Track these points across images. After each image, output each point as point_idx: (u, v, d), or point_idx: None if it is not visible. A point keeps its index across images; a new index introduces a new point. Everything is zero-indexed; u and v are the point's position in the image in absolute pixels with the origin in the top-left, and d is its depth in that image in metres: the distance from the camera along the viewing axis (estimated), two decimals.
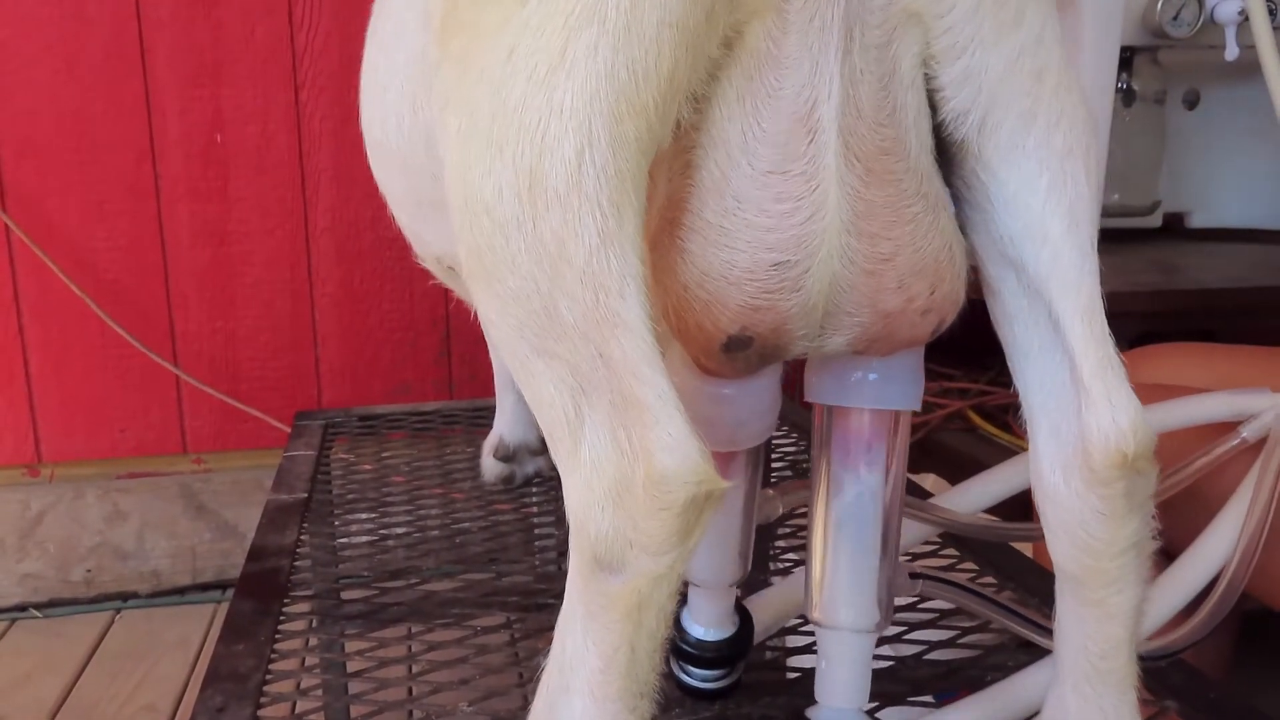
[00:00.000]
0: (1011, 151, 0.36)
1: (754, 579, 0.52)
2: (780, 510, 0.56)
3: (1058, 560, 0.40)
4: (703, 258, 0.35)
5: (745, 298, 0.35)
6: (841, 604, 0.44)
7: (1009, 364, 0.40)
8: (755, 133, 0.33)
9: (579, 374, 0.32)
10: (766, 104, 0.33)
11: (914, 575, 0.50)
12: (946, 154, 0.37)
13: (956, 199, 0.39)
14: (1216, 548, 0.54)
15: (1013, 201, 0.36)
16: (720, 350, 0.36)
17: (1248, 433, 0.61)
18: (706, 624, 0.50)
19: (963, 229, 0.39)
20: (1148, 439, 0.36)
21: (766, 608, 0.55)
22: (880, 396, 0.42)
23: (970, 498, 0.65)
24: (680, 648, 0.50)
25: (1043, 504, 0.39)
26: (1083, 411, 0.37)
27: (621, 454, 0.31)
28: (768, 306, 0.35)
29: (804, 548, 0.64)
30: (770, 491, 0.50)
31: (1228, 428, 0.61)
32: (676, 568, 0.32)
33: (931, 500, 0.65)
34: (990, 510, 0.66)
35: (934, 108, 0.36)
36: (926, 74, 0.35)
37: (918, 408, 0.43)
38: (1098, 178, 0.37)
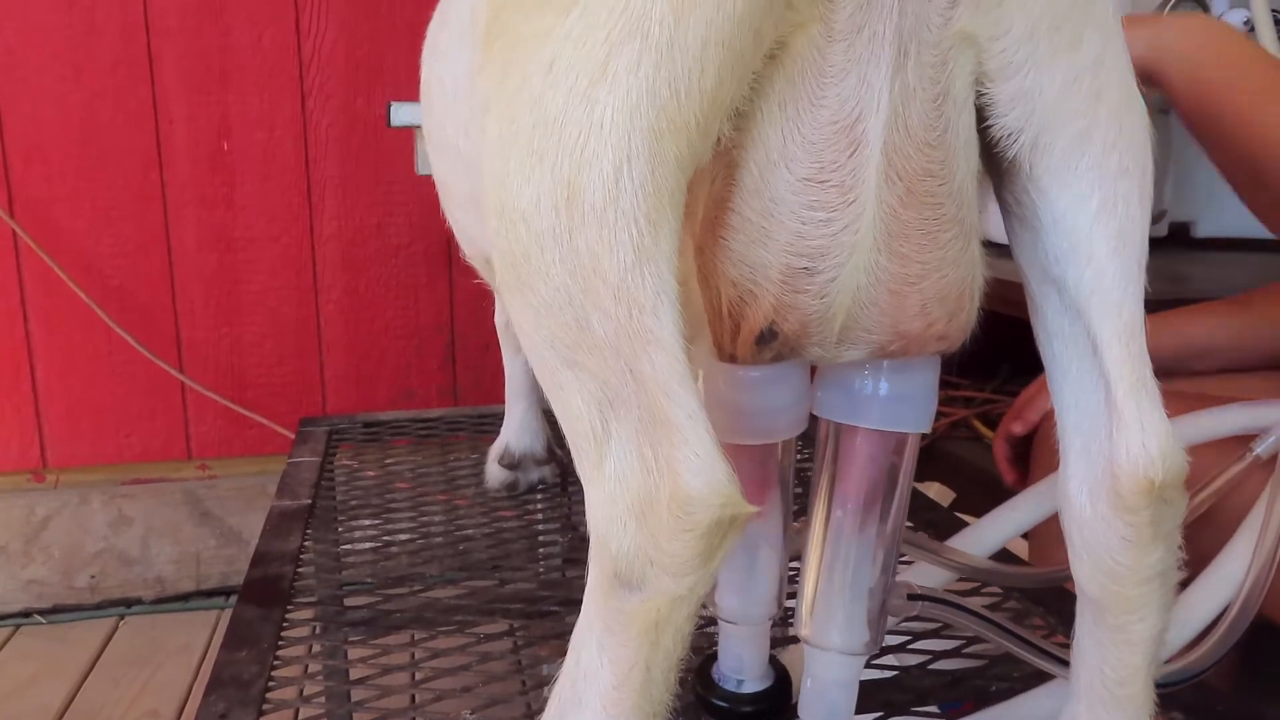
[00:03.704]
0: (1063, 171, 0.35)
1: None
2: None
3: (1080, 582, 0.39)
4: (745, 254, 0.35)
5: (776, 295, 0.35)
6: (833, 625, 0.43)
7: (1048, 382, 0.40)
8: (795, 139, 0.33)
9: (608, 388, 0.32)
10: (808, 111, 0.33)
11: (913, 596, 0.49)
12: (998, 170, 0.37)
13: (1006, 213, 0.38)
14: (1231, 571, 0.54)
15: (1061, 220, 0.36)
16: (753, 341, 0.36)
17: (1260, 449, 0.60)
18: (740, 674, 0.48)
19: (1010, 244, 0.39)
20: (1178, 467, 0.36)
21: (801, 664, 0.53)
22: (890, 417, 0.41)
23: (992, 532, 0.64)
24: (712, 704, 0.48)
25: (1069, 525, 0.39)
26: (1114, 434, 0.36)
27: (647, 471, 0.31)
28: (792, 307, 0.35)
29: None
30: (797, 525, 0.49)
31: (1241, 439, 0.61)
32: (697, 590, 0.32)
33: (954, 535, 0.64)
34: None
35: (985, 125, 0.35)
36: (978, 91, 0.34)
37: (928, 430, 0.42)
38: (1151, 200, 0.36)
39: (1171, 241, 1.39)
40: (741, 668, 0.48)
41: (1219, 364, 0.78)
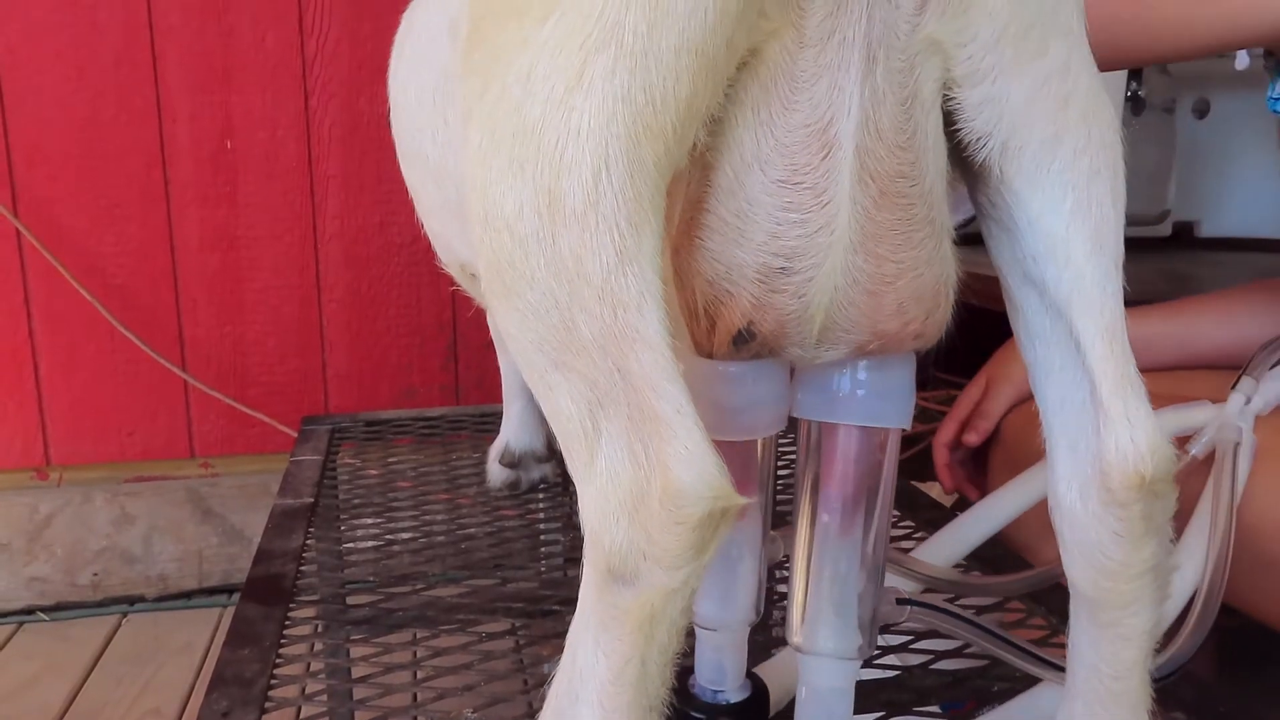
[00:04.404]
0: (1035, 174, 0.36)
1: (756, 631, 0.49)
2: (783, 553, 0.54)
3: (1073, 579, 0.40)
4: (722, 254, 0.35)
5: (753, 295, 0.35)
6: (823, 629, 0.43)
7: (1030, 382, 0.40)
8: (768, 142, 0.34)
9: (597, 388, 0.32)
10: (781, 115, 0.33)
11: (901, 601, 0.49)
12: (970, 173, 0.37)
13: (981, 216, 0.39)
14: (1188, 568, 0.55)
15: (1036, 223, 0.36)
16: (730, 342, 0.37)
17: (1196, 450, 0.62)
18: (718, 685, 0.47)
19: (987, 246, 0.39)
20: (1166, 460, 0.36)
21: (782, 673, 0.51)
22: (870, 413, 0.41)
23: (975, 530, 0.65)
24: (690, 717, 0.47)
25: (1059, 523, 0.39)
26: (1101, 430, 0.36)
27: (638, 467, 0.31)
28: (770, 306, 0.35)
29: None
30: (774, 534, 0.49)
31: (1178, 440, 0.62)
32: (690, 583, 0.32)
33: (947, 528, 0.64)
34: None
35: (954, 130, 0.36)
36: (946, 96, 0.35)
37: (908, 426, 0.42)
38: (1124, 200, 0.37)
39: (1175, 241, 1.39)
40: (719, 678, 0.47)
41: (1154, 364, 0.80)
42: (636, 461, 0.31)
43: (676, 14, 0.30)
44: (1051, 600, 0.64)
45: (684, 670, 0.48)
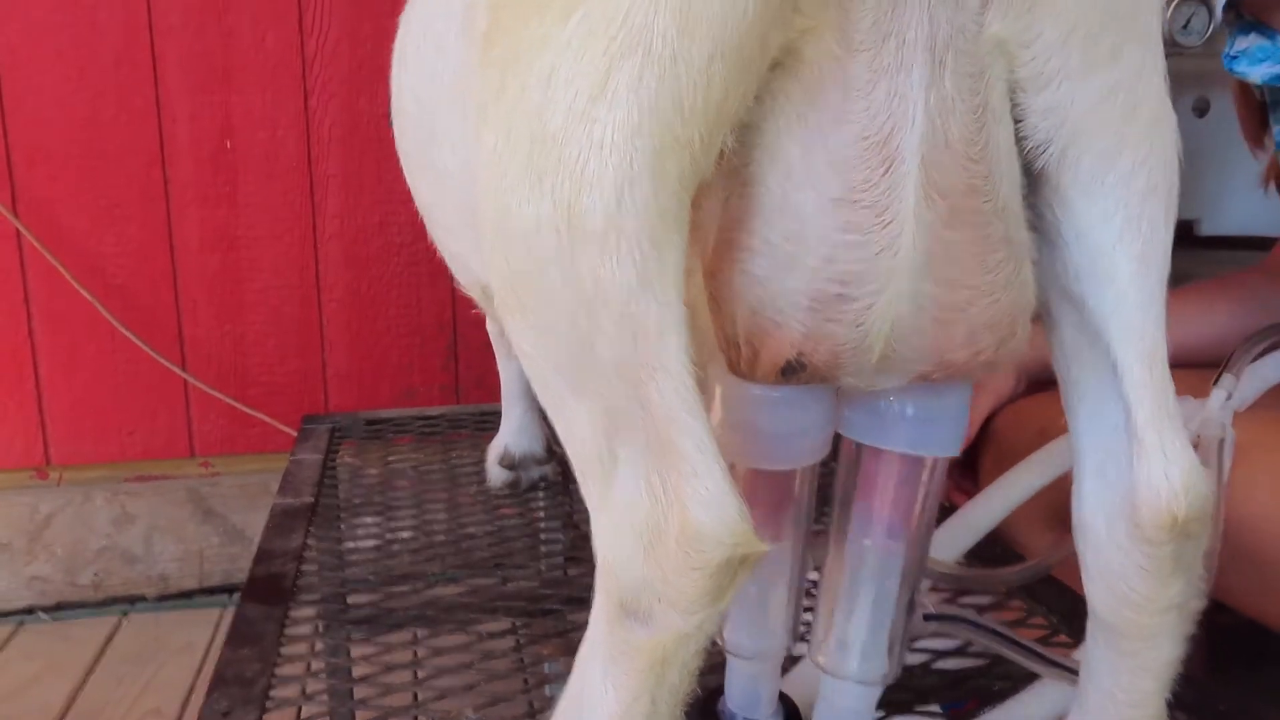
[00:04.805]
0: (1090, 186, 0.34)
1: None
2: (812, 567, 0.53)
3: (1094, 605, 0.38)
4: (769, 279, 0.32)
5: (806, 323, 0.32)
6: (852, 654, 0.41)
7: (1062, 399, 0.38)
8: (820, 155, 0.31)
9: (614, 414, 0.30)
10: (833, 127, 0.31)
11: (928, 617, 0.47)
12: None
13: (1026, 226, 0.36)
14: None
15: (1084, 236, 0.34)
16: (778, 372, 0.34)
17: None
18: (749, 712, 0.44)
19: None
20: (1201, 499, 0.34)
21: (807, 684, 0.49)
22: (918, 440, 0.38)
23: (977, 520, 0.65)
24: None
25: (1082, 546, 0.38)
26: (1134, 461, 0.34)
27: (655, 500, 0.30)
28: (825, 336, 0.33)
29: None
30: (815, 529, 0.47)
31: None
32: (705, 627, 0.31)
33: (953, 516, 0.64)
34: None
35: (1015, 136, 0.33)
36: (1010, 101, 0.33)
37: (957, 453, 0.39)
38: (1175, 221, 0.35)
39: (1175, 240, 1.38)
40: (751, 705, 0.45)
41: None
42: (654, 494, 0.30)
43: (711, 16, 0.27)
44: (1051, 600, 0.64)
45: (713, 691, 0.46)
